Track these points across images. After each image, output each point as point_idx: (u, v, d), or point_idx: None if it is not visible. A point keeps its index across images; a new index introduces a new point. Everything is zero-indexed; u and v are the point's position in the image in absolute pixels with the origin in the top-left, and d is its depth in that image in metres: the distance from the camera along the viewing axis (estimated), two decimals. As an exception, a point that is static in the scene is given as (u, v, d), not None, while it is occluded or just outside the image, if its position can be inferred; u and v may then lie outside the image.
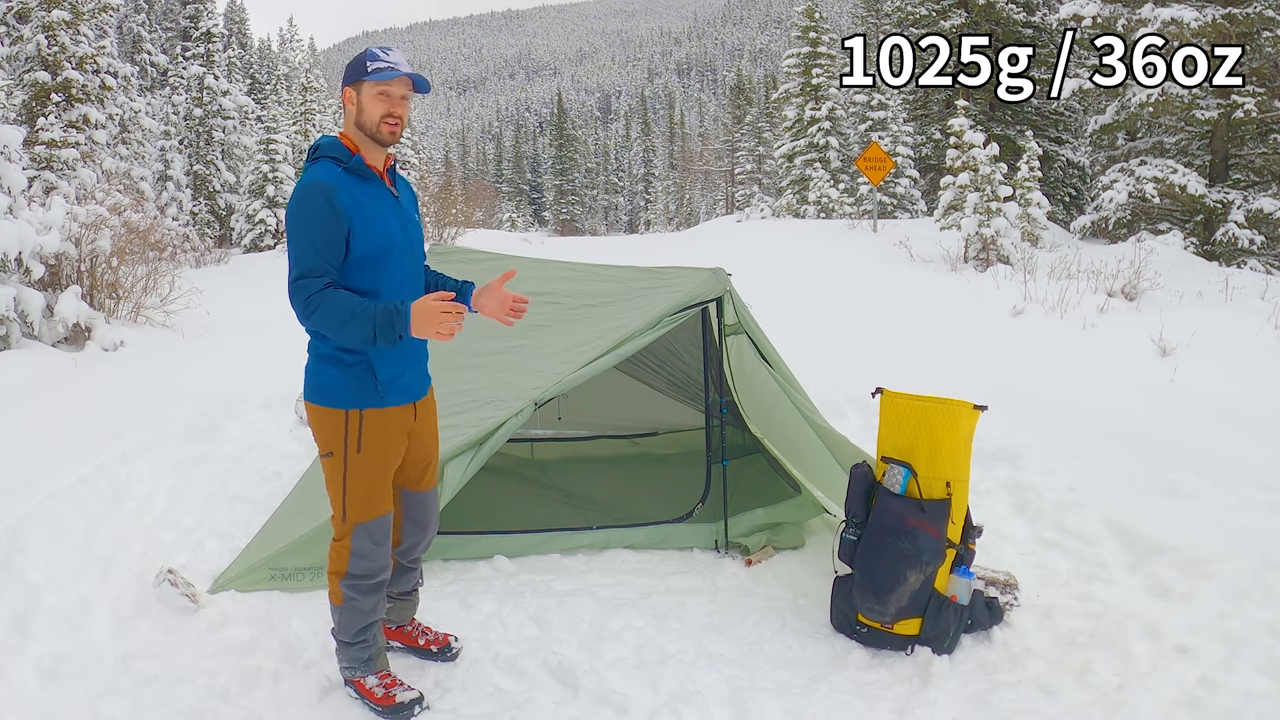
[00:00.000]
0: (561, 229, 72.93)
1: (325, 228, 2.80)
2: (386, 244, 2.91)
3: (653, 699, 3.20)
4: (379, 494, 3.02)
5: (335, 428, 2.96)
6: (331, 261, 2.81)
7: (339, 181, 2.85)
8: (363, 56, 2.94)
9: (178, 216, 24.14)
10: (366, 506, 3.00)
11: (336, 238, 2.81)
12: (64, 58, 17.70)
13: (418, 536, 3.28)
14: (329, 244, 2.80)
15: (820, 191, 26.39)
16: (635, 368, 5.54)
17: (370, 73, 2.89)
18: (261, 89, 40.41)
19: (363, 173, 2.93)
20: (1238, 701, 3.09)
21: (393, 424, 3.01)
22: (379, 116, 2.90)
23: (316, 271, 2.79)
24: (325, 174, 2.87)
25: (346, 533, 3.02)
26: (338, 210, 2.81)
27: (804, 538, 4.62)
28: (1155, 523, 4.47)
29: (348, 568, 3.03)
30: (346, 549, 3.02)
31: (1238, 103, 15.15)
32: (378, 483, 3.01)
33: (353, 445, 2.95)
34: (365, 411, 2.94)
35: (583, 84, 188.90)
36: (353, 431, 2.94)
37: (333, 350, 2.94)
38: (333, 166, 2.90)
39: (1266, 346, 8.00)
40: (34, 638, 3.49)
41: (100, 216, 10.14)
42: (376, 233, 2.89)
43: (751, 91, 68.38)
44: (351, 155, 2.92)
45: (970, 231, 13.01)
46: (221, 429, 6.21)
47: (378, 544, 3.03)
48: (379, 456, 2.99)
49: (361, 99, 2.91)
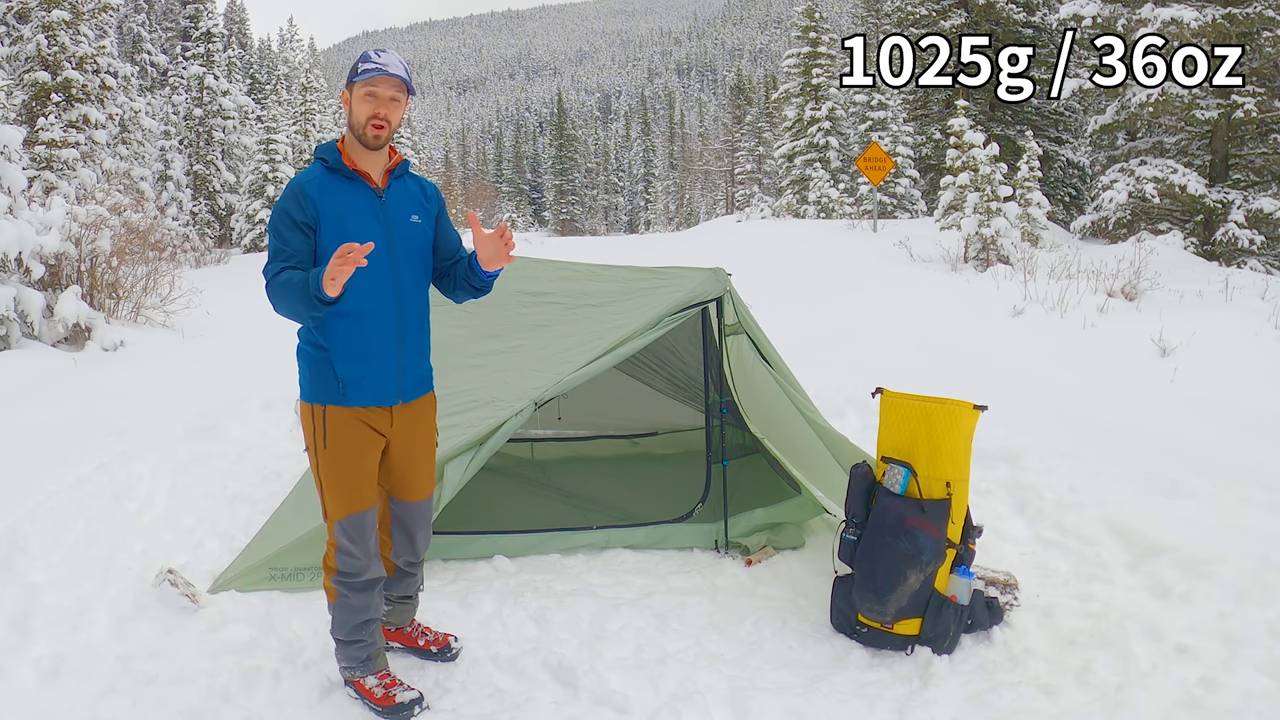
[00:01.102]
0: (561, 229, 72.95)
1: (289, 217, 2.90)
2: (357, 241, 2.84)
3: (653, 699, 3.20)
4: (352, 491, 3.02)
5: (307, 421, 3.03)
6: (293, 248, 2.88)
7: (315, 180, 2.95)
8: (358, 59, 2.98)
9: (178, 216, 24.13)
10: (341, 503, 3.02)
11: (300, 227, 2.89)
12: (64, 58, 17.70)
13: (404, 545, 3.26)
14: (291, 232, 2.89)
15: (820, 191, 26.40)
16: (635, 368, 5.54)
17: (359, 74, 2.93)
18: (261, 89, 40.42)
19: (344, 173, 2.97)
20: (1238, 701, 3.08)
21: (357, 424, 3.00)
22: (365, 118, 2.93)
23: (280, 257, 2.88)
24: (305, 173, 2.99)
25: (331, 529, 3.05)
26: (303, 205, 2.89)
27: (804, 538, 4.62)
28: (1155, 523, 4.47)
29: (336, 564, 3.05)
30: (333, 545, 3.05)
31: (1238, 103, 15.15)
32: (348, 480, 3.01)
33: (319, 440, 2.99)
34: (328, 408, 2.98)
35: (583, 84, 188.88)
36: (319, 426, 2.99)
37: (303, 343, 3.02)
38: (317, 166, 3.00)
39: (1266, 346, 7.99)
40: (34, 638, 3.49)
41: (100, 216, 10.13)
42: (349, 233, 2.87)
43: (751, 91, 68.42)
44: (338, 155, 2.98)
45: (970, 231, 13.01)
46: (221, 429, 6.21)
47: (354, 541, 3.03)
48: (345, 454, 2.99)
49: (353, 101, 2.95)
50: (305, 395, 3.03)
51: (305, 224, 2.89)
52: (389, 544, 3.26)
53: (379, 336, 2.98)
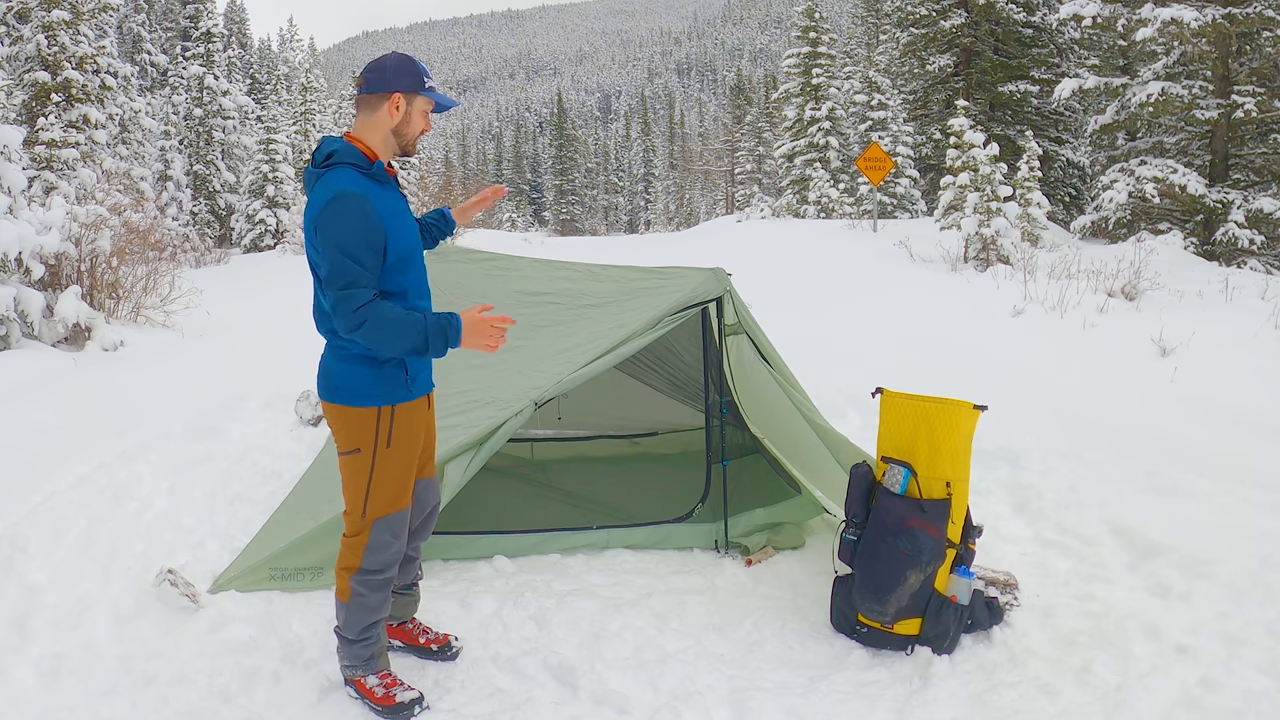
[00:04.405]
0: (561, 229, 72.96)
1: (366, 237, 2.79)
2: (411, 247, 2.98)
3: (653, 699, 3.20)
4: (403, 488, 3.07)
5: (365, 425, 2.96)
6: (374, 270, 2.82)
7: (370, 190, 2.85)
8: (413, 65, 2.95)
9: (178, 216, 24.15)
10: (389, 500, 3.03)
11: (376, 247, 2.81)
12: (64, 58, 17.71)
13: (419, 520, 3.33)
14: (371, 254, 2.80)
15: (820, 191, 26.40)
16: (635, 368, 5.54)
17: (428, 89, 2.95)
18: (261, 89, 40.42)
19: (383, 179, 2.96)
20: (1238, 701, 3.09)
21: (417, 416, 3.08)
22: (419, 132, 3.00)
23: (361, 282, 2.77)
24: (354, 183, 2.83)
25: (364, 528, 3.03)
26: (375, 220, 2.81)
27: (804, 538, 4.62)
28: (1155, 523, 4.47)
29: (361, 563, 3.04)
30: (362, 544, 3.04)
31: (1238, 103, 15.14)
32: (404, 476, 3.06)
33: (383, 441, 2.98)
34: (396, 407, 2.99)
35: (583, 84, 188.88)
36: (384, 427, 2.97)
37: (354, 350, 2.94)
38: (356, 174, 2.87)
39: (1266, 346, 7.99)
40: (34, 638, 3.50)
41: (100, 216, 10.12)
42: (404, 238, 2.94)
43: (751, 91, 68.45)
44: (371, 162, 2.92)
45: (970, 231, 13.01)
46: (221, 429, 6.21)
47: (396, 536, 3.07)
48: (406, 450, 3.04)
49: (411, 110, 2.96)
50: (364, 400, 2.94)
51: (380, 243, 2.83)
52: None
53: None
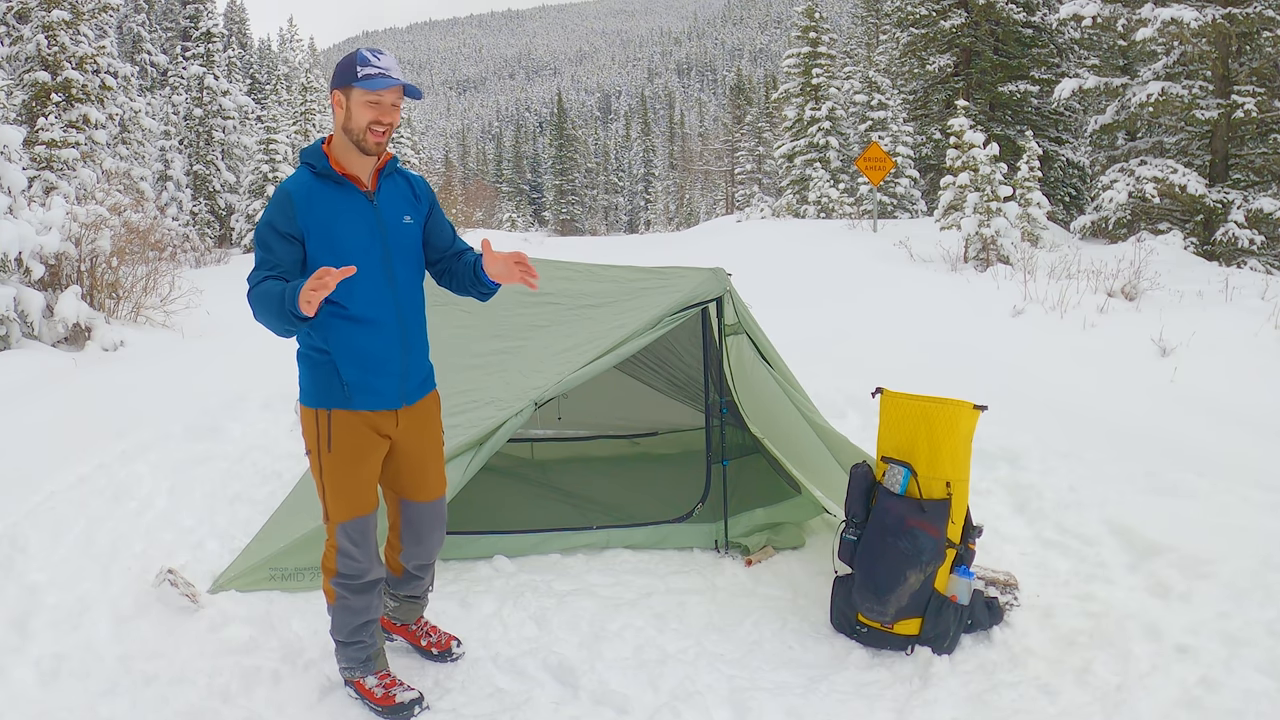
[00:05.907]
0: (561, 229, 72.94)
1: (274, 228, 2.84)
2: (349, 254, 2.84)
3: (653, 699, 3.20)
4: (356, 495, 3.00)
5: (310, 426, 2.99)
6: (278, 258, 2.82)
7: (302, 187, 2.88)
8: (352, 59, 2.86)
9: (178, 216, 24.13)
10: (344, 506, 3.00)
11: (286, 238, 2.83)
12: (64, 58, 17.69)
13: (414, 547, 3.22)
14: (277, 242, 2.84)
15: (820, 191, 26.40)
16: (635, 368, 5.54)
17: (360, 79, 2.81)
18: (261, 89, 40.40)
19: (333, 179, 2.90)
20: (1238, 701, 3.08)
21: (361, 428, 2.98)
22: (365, 124, 2.84)
23: (264, 266, 2.83)
24: (292, 179, 2.92)
25: (331, 532, 3.03)
26: (290, 215, 2.83)
27: (804, 538, 4.62)
28: (1155, 523, 4.47)
29: (336, 566, 3.04)
30: (333, 548, 3.04)
31: (1237, 103, 15.14)
32: (352, 484, 2.99)
33: (324, 445, 2.96)
34: (333, 412, 2.95)
35: (583, 84, 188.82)
36: (323, 431, 2.95)
37: (305, 348, 2.98)
38: (304, 172, 2.92)
39: (1266, 346, 7.99)
40: (34, 638, 3.50)
41: (100, 216, 10.12)
42: (337, 242, 2.85)
43: (751, 91, 68.45)
44: (330, 163, 2.90)
45: (970, 231, 13.01)
46: (221, 429, 6.21)
47: (357, 544, 3.01)
48: (349, 458, 2.97)
49: (350, 104, 2.85)
50: (307, 400, 2.99)
51: (291, 235, 2.83)
52: (398, 546, 3.24)
53: (383, 343, 2.95)
